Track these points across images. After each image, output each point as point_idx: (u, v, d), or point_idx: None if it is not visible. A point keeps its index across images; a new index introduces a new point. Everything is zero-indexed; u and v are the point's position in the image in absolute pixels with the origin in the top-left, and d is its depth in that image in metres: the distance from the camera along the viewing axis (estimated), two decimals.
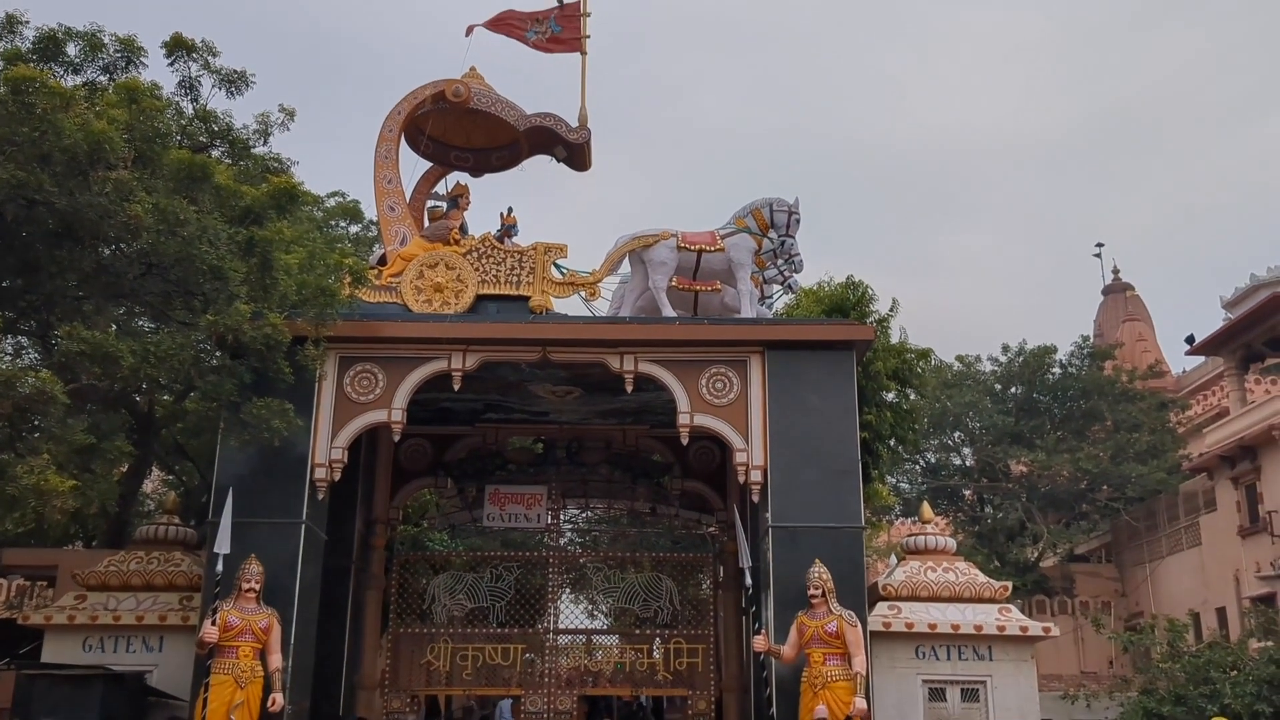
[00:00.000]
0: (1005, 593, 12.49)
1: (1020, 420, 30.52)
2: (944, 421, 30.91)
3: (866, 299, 15.41)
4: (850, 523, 11.57)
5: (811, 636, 10.76)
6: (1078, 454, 28.98)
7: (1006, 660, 12.02)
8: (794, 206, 13.09)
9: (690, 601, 14.94)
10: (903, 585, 12.28)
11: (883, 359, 14.87)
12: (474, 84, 13.49)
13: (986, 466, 31.11)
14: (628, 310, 13.06)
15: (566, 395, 13.80)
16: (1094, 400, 30.48)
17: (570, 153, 13.88)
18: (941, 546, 12.89)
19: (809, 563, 11.08)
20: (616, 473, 15.67)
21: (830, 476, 11.63)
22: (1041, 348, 30.89)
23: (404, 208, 13.22)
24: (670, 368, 12.09)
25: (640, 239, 12.96)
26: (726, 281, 13.22)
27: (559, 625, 14.71)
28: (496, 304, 12.67)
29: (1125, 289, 41.28)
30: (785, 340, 12.13)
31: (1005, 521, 30.88)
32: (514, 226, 13.65)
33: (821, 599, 10.85)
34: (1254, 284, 27.33)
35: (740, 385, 12.02)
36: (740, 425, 11.92)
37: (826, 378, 11.96)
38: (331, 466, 11.74)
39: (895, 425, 15.33)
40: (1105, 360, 31.77)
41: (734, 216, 13.22)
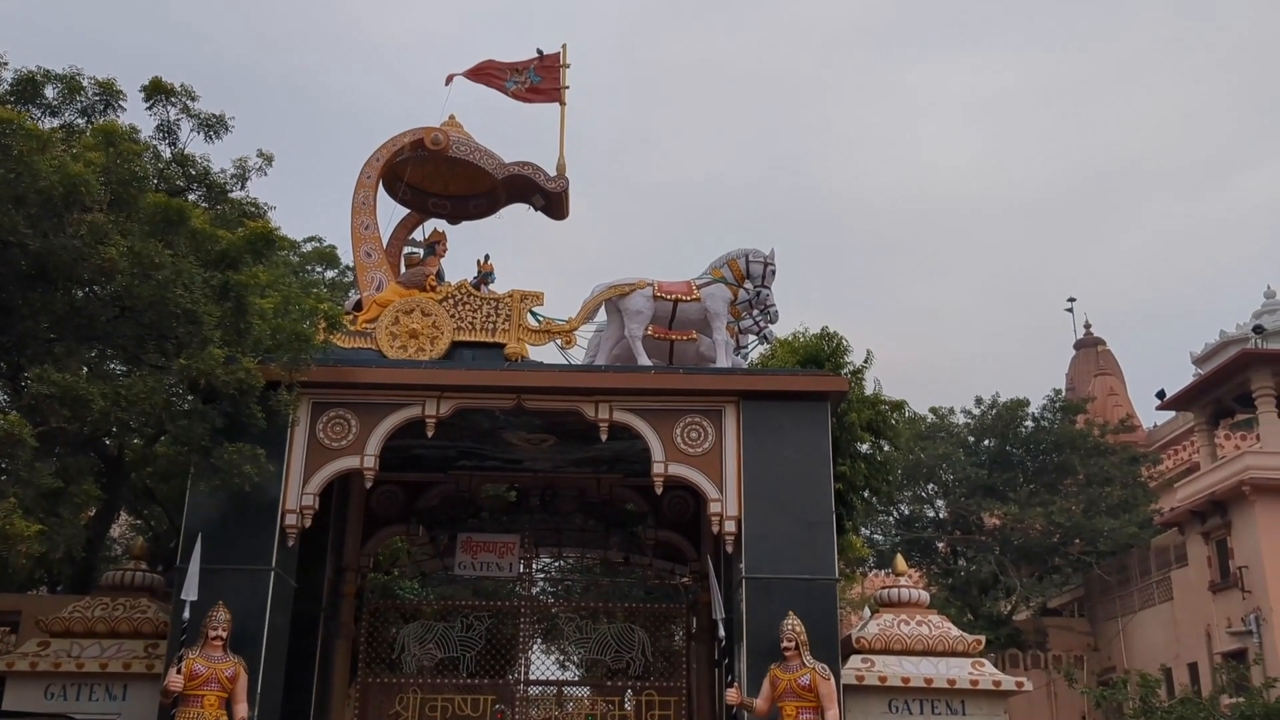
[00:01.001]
0: (978, 646, 12.46)
1: (993, 473, 30.64)
2: (918, 473, 30.99)
3: (841, 350, 15.49)
4: (824, 574, 11.54)
5: (784, 689, 10.68)
6: (1050, 507, 29.08)
7: (979, 715, 11.97)
8: (770, 258, 13.18)
9: (663, 653, 14.81)
10: (876, 638, 12.24)
11: (857, 410, 14.92)
12: (453, 132, 13.56)
13: (960, 519, 31.16)
14: (603, 359, 13.08)
15: (541, 443, 13.76)
16: (1066, 454, 30.66)
17: (548, 201, 13.96)
18: (915, 599, 12.87)
19: (782, 614, 11.01)
20: (590, 521, 15.60)
21: (804, 528, 11.62)
22: (1014, 401, 31.11)
23: (380, 254, 13.23)
24: (645, 417, 12.09)
25: (616, 288, 13.00)
26: (702, 331, 13.26)
27: (530, 676, 14.55)
28: (472, 351, 12.66)
29: (1097, 344, 41.72)
30: (760, 390, 12.16)
31: (978, 574, 30.91)
32: (490, 274, 13.68)
33: (795, 651, 10.78)
34: (1223, 340, 27.62)
35: (715, 435, 12.02)
36: (714, 475, 11.91)
37: (801, 428, 11.98)
38: (302, 513, 11.64)
39: (869, 476, 15.35)
40: (1077, 414, 32.00)
41: (710, 267, 13.30)
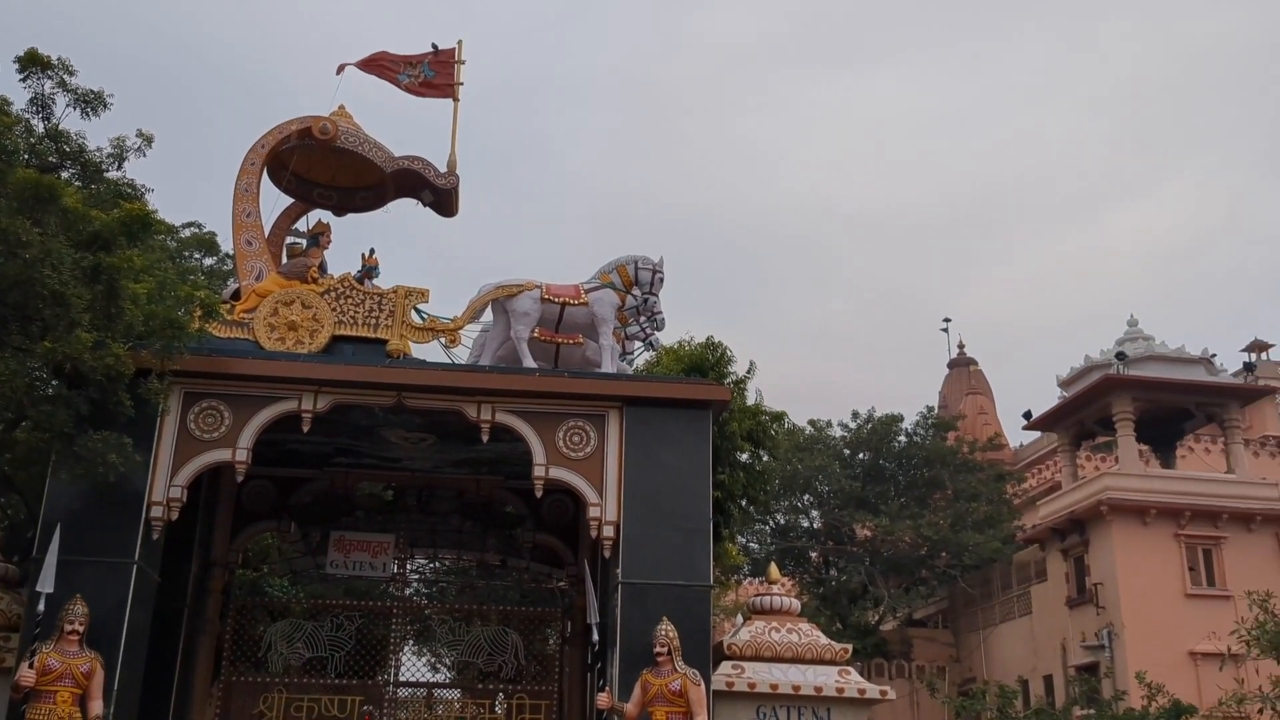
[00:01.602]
0: (845, 655, 12.72)
1: (867, 486, 31.34)
2: (794, 484, 31.53)
3: (725, 360, 15.69)
4: (699, 581, 11.65)
5: (655, 695, 10.74)
6: (919, 521, 29.87)
7: None
8: (658, 265, 13.27)
9: (536, 657, 14.76)
10: (747, 645, 12.40)
11: (738, 420, 15.13)
12: (342, 122, 13.33)
13: (833, 529, 31.80)
14: (488, 359, 12.99)
15: (420, 442, 13.59)
16: (936, 469, 31.54)
17: (437, 198, 13.81)
18: (786, 607, 13.07)
19: (657, 620, 11.08)
20: (468, 523, 15.47)
21: (682, 534, 11.71)
22: (889, 416, 31.90)
23: (262, 243, 12.92)
24: (528, 419, 12.05)
25: (504, 288, 12.94)
26: (589, 335, 13.28)
27: (400, 678, 14.34)
28: (353, 346, 12.45)
29: (969, 364, 43.00)
30: (644, 397, 12.22)
31: (849, 584, 31.58)
32: (375, 268, 13.47)
33: (667, 657, 10.86)
34: (1087, 365, 28.73)
35: (598, 440, 12.05)
36: (595, 480, 11.93)
37: (683, 436, 12.08)
38: (169, 505, 11.29)
39: (748, 486, 15.58)
40: (948, 431, 32.93)
41: (599, 271, 13.33)
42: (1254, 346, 38.27)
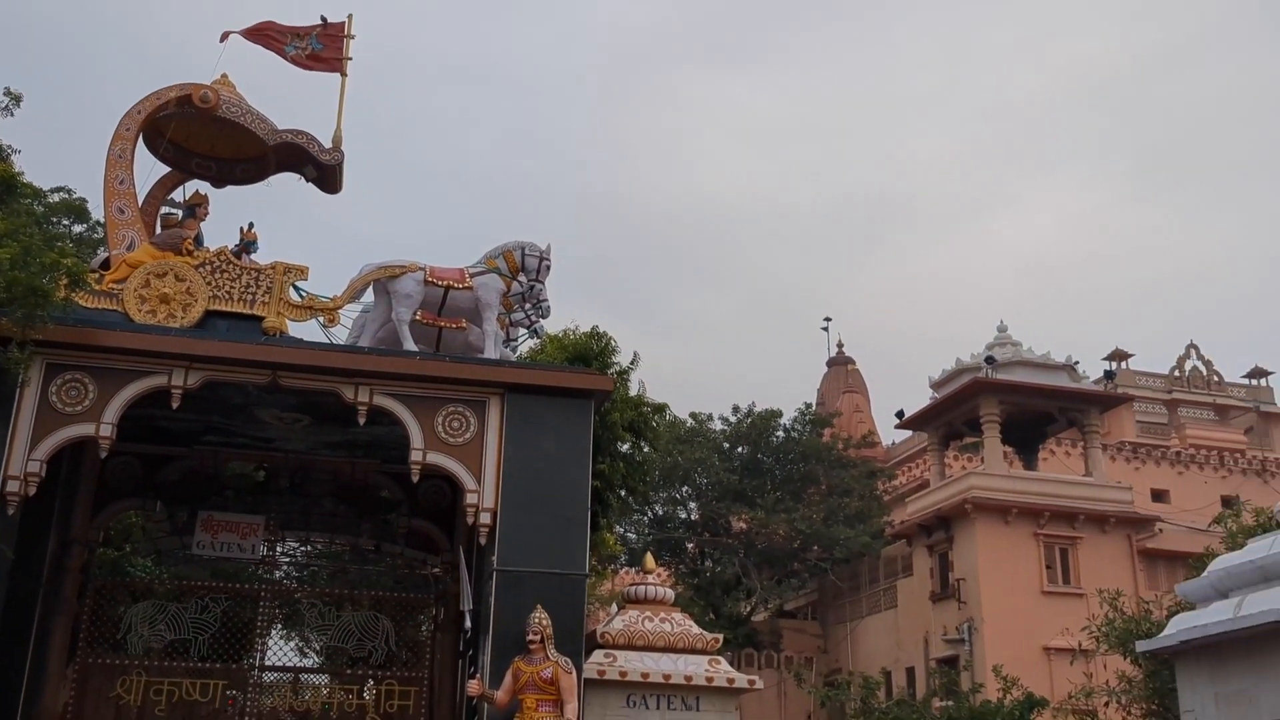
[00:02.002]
0: (716, 645, 12.90)
1: (744, 479, 31.80)
2: (674, 475, 31.81)
3: (610, 350, 15.71)
4: (575, 570, 11.68)
5: (526, 682, 10.75)
6: (794, 514, 30.45)
7: (712, 711, 12.39)
8: (546, 252, 13.22)
9: (408, 643, 14.59)
10: (620, 634, 12.49)
11: (620, 410, 15.17)
12: (224, 91, 12.95)
13: (710, 521, 32.20)
14: (367, 341, 12.78)
15: (295, 423, 13.31)
16: (812, 464, 32.19)
17: (321, 174, 13.52)
18: (660, 597, 13.20)
19: (531, 608, 11.08)
20: (342, 507, 15.20)
21: (559, 523, 11.72)
22: (769, 411, 32.41)
23: (135, 212, 12.47)
24: (407, 403, 11.90)
25: (387, 269, 12.74)
26: (472, 320, 13.17)
27: (266, 662, 14.03)
28: (228, 322, 12.11)
29: (848, 362, 43.94)
30: (526, 384, 12.18)
31: (723, 575, 32.00)
32: (254, 243, 13.12)
33: (540, 645, 10.87)
34: (958, 368, 29.63)
35: (477, 426, 11.96)
36: (474, 466, 11.84)
37: (564, 425, 12.08)
38: (26, 480, 10.85)
39: (627, 476, 15.63)
40: (824, 428, 33.63)
41: (485, 256, 13.22)
42: (1114, 355, 40.00)
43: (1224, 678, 9.66)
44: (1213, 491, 31.29)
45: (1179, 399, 39.75)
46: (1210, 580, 10.27)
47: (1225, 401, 40.12)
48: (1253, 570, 9.65)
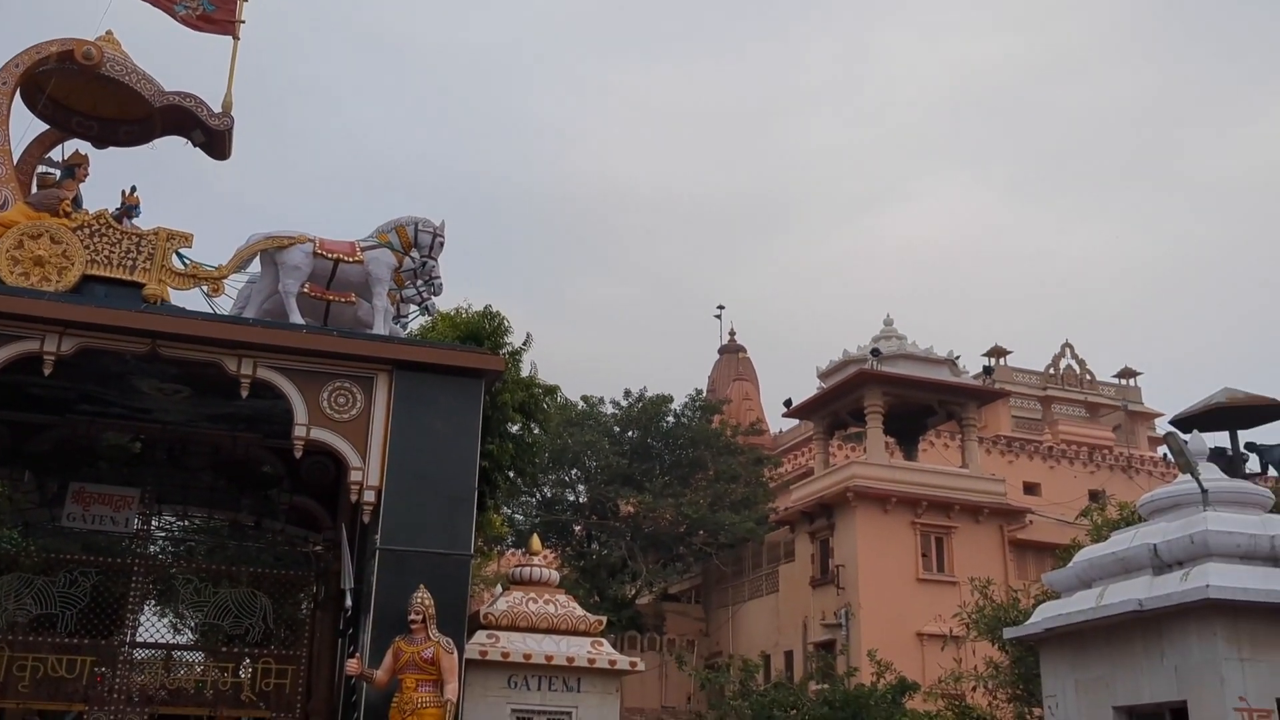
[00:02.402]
0: (599, 627, 12.98)
1: (633, 463, 31.97)
2: (563, 458, 31.81)
3: (502, 330, 15.63)
4: (460, 550, 11.62)
5: (407, 662, 10.67)
6: (681, 499, 30.73)
7: (594, 692, 12.48)
8: (439, 229, 13.09)
9: (286, 621, 14.34)
10: (503, 615, 12.48)
11: (511, 391, 15.11)
12: (109, 49, 12.48)
13: (598, 504, 32.30)
14: (252, 312, 12.50)
15: (174, 394, 12.94)
16: (700, 450, 32.49)
17: (209, 139, 13.14)
18: (545, 579, 13.22)
19: (414, 587, 10.99)
20: (221, 481, 14.85)
21: (445, 503, 11.64)
22: (660, 396, 32.60)
23: (10, 170, 11.96)
24: (291, 377, 11.66)
25: (275, 239, 12.47)
26: (362, 295, 12.97)
27: (137, 639, 13.66)
28: (106, 287, 11.71)
29: (739, 350, 44.44)
30: (416, 362, 12.05)
31: (609, 558, 32.16)
32: (136, 207, 12.70)
33: (422, 625, 10.79)
34: (845, 359, 30.22)
35: (364, 402, 11.80)
36: (359, 443, 11.68)
37: (453, 404, 11.99)
38: None
39: (516, 457, 15.59)
40: (714, 414, 33.97)
41: (377, 230, 13.03)
42: (994, 352, 41.27)
43: (1084, 664, 10.10)
44: (1081, 485, 32.56)
45: (1053, 396, 41.22)
46: (1075, 571, 10.70)
47: (1096, 400, 41.72)
48: (1114, 562, 10.10)
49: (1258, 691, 8.72)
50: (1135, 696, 9.50)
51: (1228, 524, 9.41)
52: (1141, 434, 41.00)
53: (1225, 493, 9.92)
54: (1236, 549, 9.23)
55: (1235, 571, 9.00)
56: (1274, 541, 9.29)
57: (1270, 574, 9.10)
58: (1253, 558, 9.24)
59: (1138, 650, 9.48)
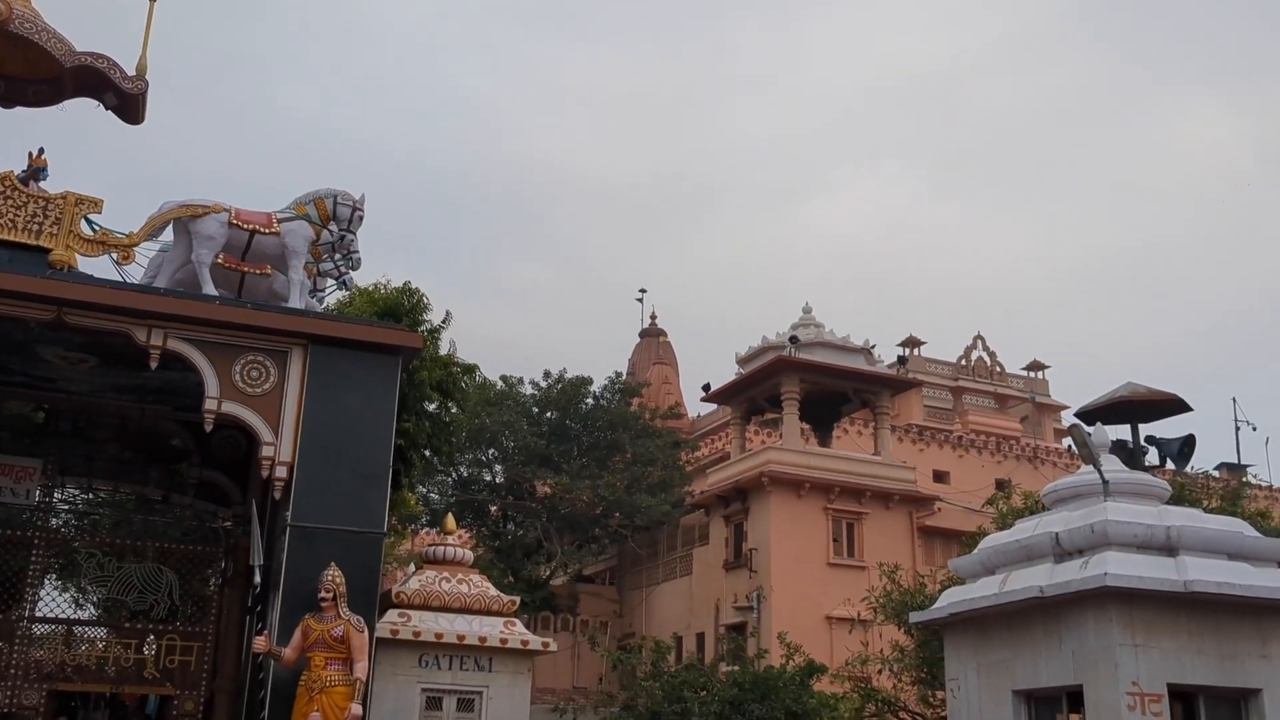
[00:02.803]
0: (513, 607, 12.98)
1: (551, 444, 31.93)
2: (481, 437, 31.65)
3: (421, 307, 15.48)
4: (372, 528, 11.52)
5: (316, 640, 10.57)
6: (598, 481, 30.79)
7: (505, 672, 12.49)
8: (359, 203, 12.91)
9: (193, 597, 14.11)
10: (416, 594, 12.42)
11: (429, 369, 14.99)
12: (18, 6, 12.06)
13: (514, 485, 32.22)
14: (164, 281, 12.21)
15: (80, 363, 12.61)
16: (619, 433, 32.57)
17: (122, 102, 12.77)
18: (459, 558, 13.18)
19: (324, 565, 10.88)
20: (128, 453, 14.52)
21: (359, 480, 11.53)
22: (579, 378, 32.58)
23: None
24: (203, 349, 11.43)
25: (189, 207, 12.19)
26: (278, 267, 12.75)
27: (36, 613, 13.32)
28: (10, 252, 11.35)
29: (659, 334, 44.59)
30: (332, 336, 11.89)
31: (524, 539, 32.13)
32: (43, 170, 12.30)
33: (332, 603, 10.70)
34: (763, 345, 30.50)
35: (278, 376, 11.62)
36: (272, 418, 11.50)
37: (369, 380, 11.87)
38: None
39: (432, 436, 15.48)
40: (633, 397, 34.07)
41: (295, 202, 12.81)
42: (909, 342, 42.01)
43: (986, 649, 10.36)
44: (989, 474, 33.31)
45: (964, 386, 42.10)
46: (980, 557, 10.96)
47: (1005, 391, 42.71)
48: (1018, 549, 10.36)
49: (1149, 677, 9.03)
50: (1034, 680, 9.78)
51: (1126, 514, 9.70)
52: (1048, 425, 42.09)
53: (1125, 484, 10.22)
54: (1134, 539, 9.52)
55: (1132, 560, 9.29)
56: (1169, 532, 9.60)
57: (1165, 563, 9.41)
58: (1149, 547, 9.54)
59: (1038, 635, 9.75)
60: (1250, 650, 9.39)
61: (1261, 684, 9.32)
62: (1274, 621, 9.51)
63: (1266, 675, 9.36)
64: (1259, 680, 9.33)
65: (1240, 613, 9.38)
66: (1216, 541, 9.75)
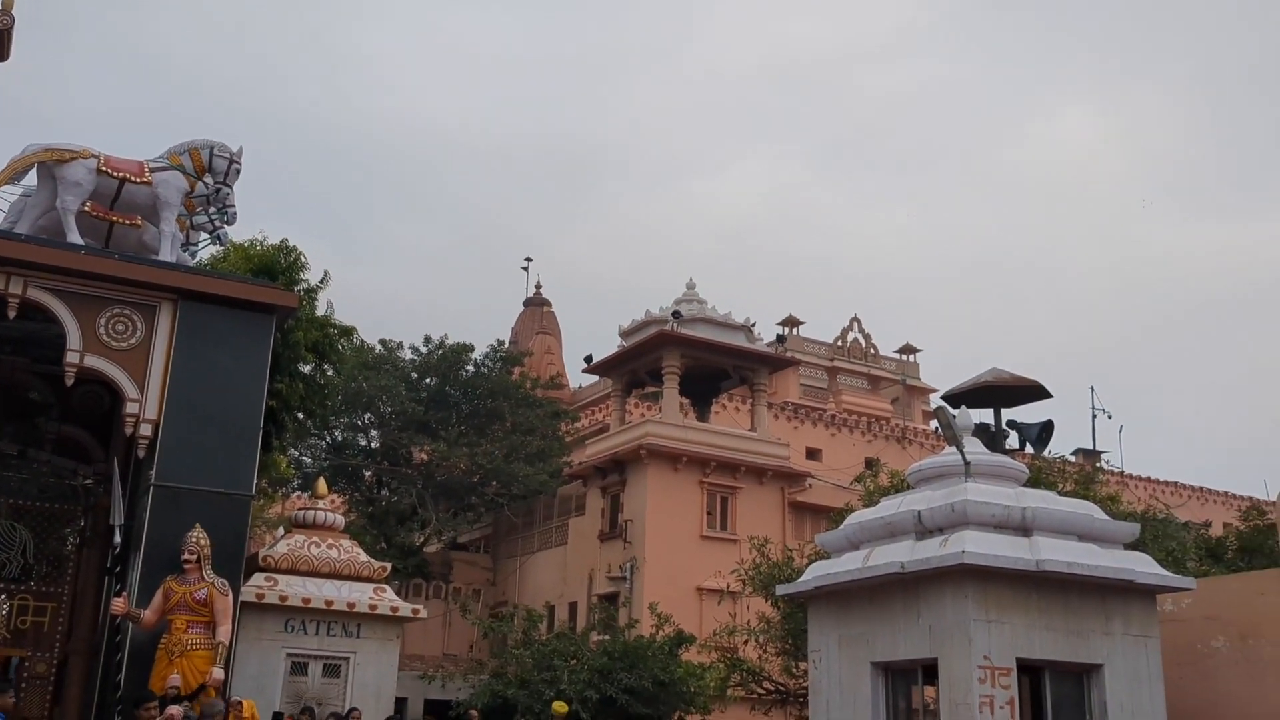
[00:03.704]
0: (383, 573, 12.89)
1: (430, 410, 31.57)
2: (357, 402, 31.11)
3: (298, 266, 15.14)
4: (240, 490, 11.29)
5: (178, 602, 10.34)
6: (476, 449, 30.58)
7: (373, 638, 12.41)
8: (236, 155, 12.55)
9: (49, 556, 13.63)
10: (284, 558, 12.23)
11: (305, 329, 14.69)
12: None
13: (390, 451, 31.79)
14: (25, 227, 11.71)
15: None
16: (499, 401, 32.34)
17: None
18: (330, 523, 13.02)
19: (189, 526, 10.64)
20: None
21: (227, 441, 11.28)
22: (460, 345, 32.23)
23: None
24: (66, 300, 11.02)
25: (54, 151, 11.69)
26: (149, 219, 12.33)
27: None
28: None
29: (543, 304, 44.41)
30: (204, 292, 11.57)
31: (399, 506, 31.76)
32: None
33: (195, 565, 10.47)
34: (647, 319, 30.64)
35: (145, 331, 11.26)
36: (138, 374, 11.16)
37: (241, 339, 11.59)
38: None
39: (306, 398, 15.19)
40: (515, 366, 33.88)
41: (169, 151, 12.40)
42: (788, 321, 42.72)
43: (848, 621, 10.67)
44: (859, 453, 34.13)
45: (839, 367, 43.02)
46: (845, 533, 11.28)
47: (878, 373, 43.79)
48: (882, 526, 10.69)
49: (1000, 651, 9.44)
50: (892, 653, 10.12)
51: (985, 495, 10.09)
52: (917, 407, 43.31)
53: (985, 465, 10.63)
54: (992, 518, 9.92)
55: (989, 539, 9.68)
56: (1025, 513, 10.02)
57: (1019, 543, 9.83)
58: (1005, 527, 9.95)
59: (897, 610, 10.09)
60: (1094, 627, 9.88)
61: (1103, 659, 9.83)
62: (1118, 600, 10.03)
63: (1108, 651, 9.88)
64: (1101, 656, 9.84)
65: (1087, 591, 9.86)
66: (1068, 523, 10.22)
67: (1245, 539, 20.40)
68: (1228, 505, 36.42)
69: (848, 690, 10.46)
